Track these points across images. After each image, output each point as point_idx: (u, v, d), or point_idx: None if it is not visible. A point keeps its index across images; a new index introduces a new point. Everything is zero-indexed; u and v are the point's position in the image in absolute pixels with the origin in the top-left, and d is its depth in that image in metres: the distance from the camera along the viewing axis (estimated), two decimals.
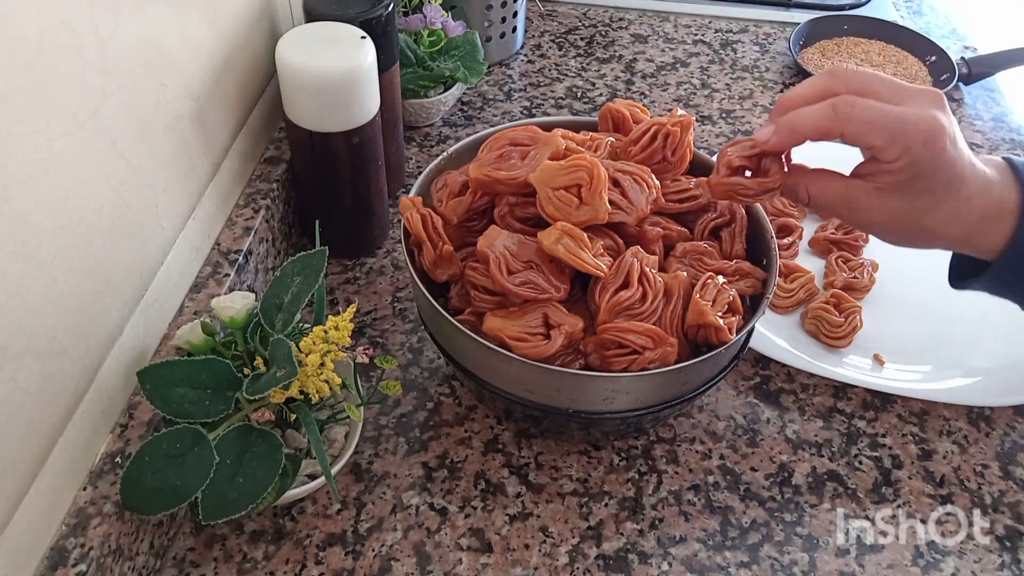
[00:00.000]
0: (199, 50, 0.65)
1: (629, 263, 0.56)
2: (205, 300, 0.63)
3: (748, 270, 0.61)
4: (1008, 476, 0.66)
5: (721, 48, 1.13)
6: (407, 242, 0.62)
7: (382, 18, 0.72)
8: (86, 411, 0.52)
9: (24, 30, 0.44)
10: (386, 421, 0.67)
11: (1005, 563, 0.61)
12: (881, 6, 1.22)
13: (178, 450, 0.51)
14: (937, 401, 0.70)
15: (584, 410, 0.57)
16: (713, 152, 0.92)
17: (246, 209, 0.71)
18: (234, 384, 0.54)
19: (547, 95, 1.02)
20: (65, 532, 0.49)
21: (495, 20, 1.02)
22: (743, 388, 0.72)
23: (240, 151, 0.73)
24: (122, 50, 0.54)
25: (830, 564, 0.60)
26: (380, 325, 0.74)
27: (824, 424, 0.69)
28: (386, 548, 0.59)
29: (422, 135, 0.95)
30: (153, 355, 0.59)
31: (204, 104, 0.66)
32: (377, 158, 0.74)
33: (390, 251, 0.81)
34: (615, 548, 0.60)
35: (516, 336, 0.54)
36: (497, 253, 0.56)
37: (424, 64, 0.91)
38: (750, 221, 0.65)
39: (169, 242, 0.63)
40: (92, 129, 0.51)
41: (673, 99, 1.03)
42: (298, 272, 0.58)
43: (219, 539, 0.59)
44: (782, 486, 0.65)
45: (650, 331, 0.55)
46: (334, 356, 0.53)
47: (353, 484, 0.63)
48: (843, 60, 1.10)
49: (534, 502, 0.63)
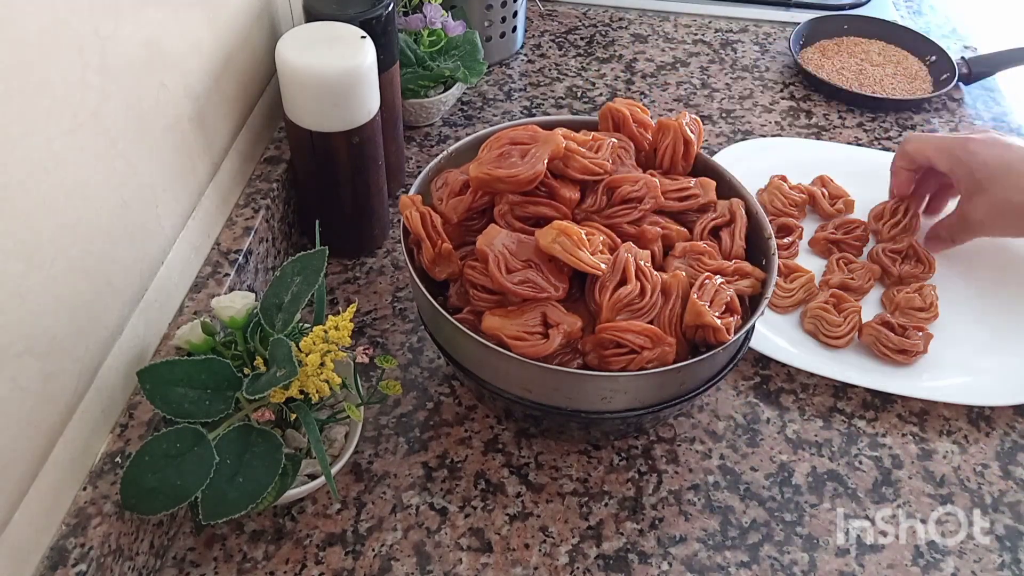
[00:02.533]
0: (199, 50, 0.65)
1: (623, 258, 0.56)
2: (205, 300, 0.63)
3: (748, 270, 0.61)
4: (1008, 476, 0.66)
5: (721, 48, 1.13)
6: (407, 241, 0.62)
7: (382, 18, 0.72)
8: (86, 411, 0.52)
9: (24, 30, 0.44)
10: (386, 421, 0.67)
11: (1005, 563, 0.61)
12: (881, 6, 1.22)
13: (178, 450, 0.51)
14: (937, 401, 0.70)
15: (583, 409, 0.57)
16: (713, 152, 0.92)
17: (246, 209, 0.71)
18: (234, 384, 0.54)
19: (547, 95, 1.02)
20: (65, 532, 0.49)
21: (495, 20, 1.02)
22: (743, 388, 0.72)
23: (240, 151, 0.73)
24: (122, 50, 0.54)
25: (830, 564, 0.60)
26: (380, 325, 0.74)
27: (824, 424, 0.69)
28: (386, 548, 0.59)
29: (422, 135, 0.95)
30: (153, 355, 0.59)
31: (204, 104, 0.66)
32: (377, 158, 0.74)
33: (390, 251, 0.81)
34: (615, 548, 0.60)
35: (515, 335, 0.55)
36: (496, 252, 0.56)
37: (424, 64, 0.91)
38: (750, 221, 0.65)
39: (169, 242, 0.63)
40: (92, 129, 0.51)
41: (673, 99, 1.03)
42: (298, 272, 0.58)
43: (219, 539, 0.59)
44: (782, 486, 0.65)
45: (648, 331, 0.55)
46: (334, 356, 0.53)
47: (353, 484, 0.63)
48: (843, 60, 1.10)
49: (534, 502, 0.63)
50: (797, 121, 1.01)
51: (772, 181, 0.87)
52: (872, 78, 1.07)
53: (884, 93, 1.04)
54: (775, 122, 1.01)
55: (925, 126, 1.01)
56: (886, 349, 0.72)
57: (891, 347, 0.72)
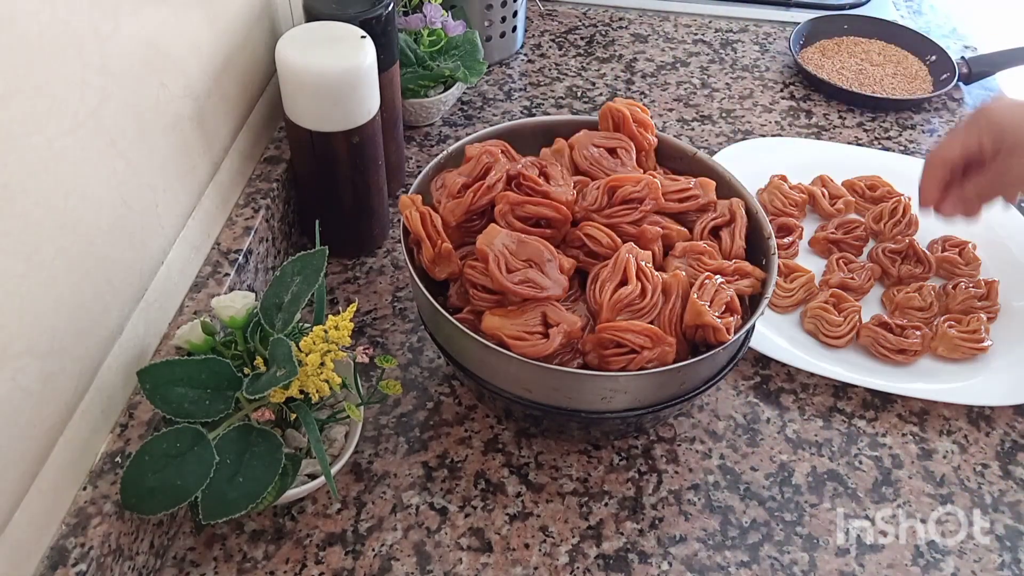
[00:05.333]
0: (199, 50, 0.65)
1: (624, 259, 0.56)
2: (205, 300, 0.63)
3: (748, 270, 0.61)
4: (1008, 476, 0.66)
5: (721, 48, 1.13)
6: (406, 240, 0.62)
7: (382, 18, 0.72)
8: (86, 411, 0.52)
9: (24, 30, 0.44)
10: (386, 421, 0.67)
11: (1005, 563, 0.61)
12: (881, 6, 1.22)
13: (178, 450, 0.51)
14: (937, 401, 0.70)
15: (583, 409, 0.57)
16: (713, 152, 0.92)
17: (246, 208, 0.71)
18: (234, 384, 0.54)
19: (547, 95, 1.02)
20: (65, 531, 0.49)
21: (495, 20, 1.02)
22: (743, 388, 0.72)
23: (240, 151, 0.73)
24: (122, 50, 0.54)
25: (830, 564, 0.60)
26: (380, 325, 0.74)
27: (824, 424, 0.69)
28: (386, 548, 0.59)
29: (422, 135, 0.95)
30: (153, 355, 0.59)
31: (204, 104, 0.66)
32: (377, 158, 0.74)
33: (390, 251, 0.81)
34: (615, 548, 0.60)
35: (515, 335, 0.55)
36: (496, 252, 0.56)
37: (424, 64, 0.91)
38: (750, 221, 0.65)
39: (169, 242, 0.63)
40: (92, 129, 0.51)
41: (673, 99, 1.03)
42: (298, 272, 0.58)
43: (219, 539, 0.59)
44: (782, 486, 0.65)
45: (648, 330, 0.55)
46: (334, 356, 0.53)
47: (353, 484, 0.63)
48: (843, 59, 1.10)
49: (534, 502, 0.63)
50: (797, 121, 1.01)
51: (772, 181, 0.87)
52: (872, 78, 1.07)
53: (884, 93, 1.04)
54: (775, 122, 1.01)
55: (925, 126, 1.01)
56: (884, 350, 0.72)
57: (889, 347, 0.72)
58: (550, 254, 0.58)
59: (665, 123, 0.99)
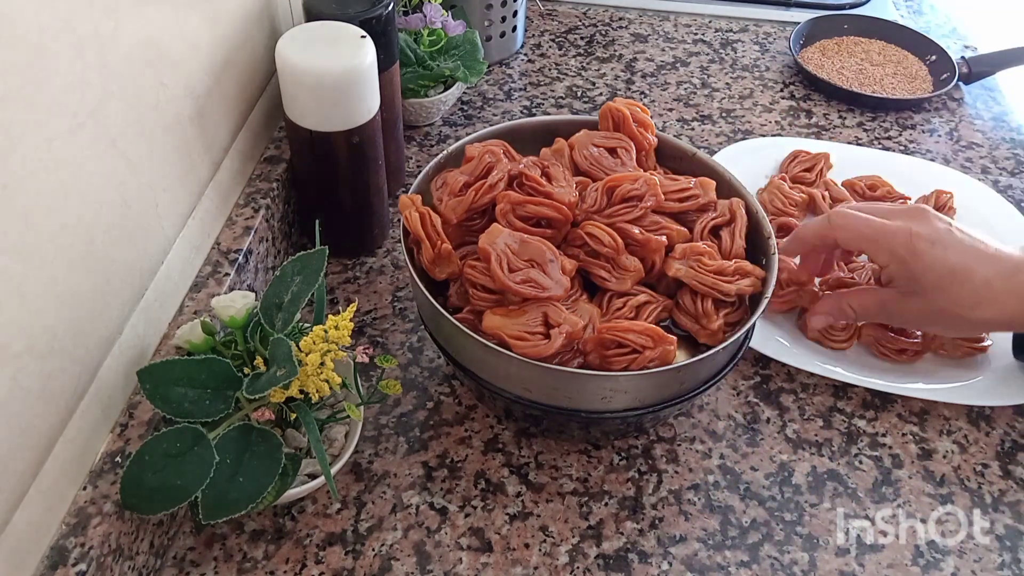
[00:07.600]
0: (199, 50, 0.65)
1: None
2: (205, 299, 0.63)
3: (748, 269, 0.61)
4: (1008, 476, 0.66)
5: (721, 47, 1.13)
6: (406, 240, 0.62)
7: (382, 17, 0.72)
8: (86, 411, 0.52)
9: (24, 30, 0.44)
10: (386, 420, 0.67)
11: (1005, 563, 0.61)
12: (881, 5, 1.22)
13: (178, 449, 0.51)
14: (937, 401, 0.70)
15: (583, 409, 0.57)
16: (713, 152, 0.92)
17: (246, 208, 0.71)
18: (234, 383, 0.54)
19: (547, 94, 1.02)
20: (65, 531, 0.49)
21: (495, 19, 1.02)
22: (743, 388, 0.72)
23: (240, 150, 0.73)
24: (122, 50, 0.54)
25: (830, 563, 0.60)
26: (380, 324, 0.74)
27: (824, 424, 0.69)
28: (386, 548, 0.59)
29: (422, 135, 0.95)
30: (153, 354, 0.59)
31: (204, 104, 0.66)
32: (377, 157, 0.74)
33: (390, 250, 0.81)
34: (615, 547, 0.60)
35: (516, 335, 0.54)
36: (499, 251, 0.56)
37: (424, 63, 0.91)
38: (750, 221, 0.65)
39: (169, 241, 0.63)
40: (92, 129, 0.51)
41: (673, 98, 1.03)
42: (298, 271, 0.58)
43: (219, 538, 0.59)
44: (782, 485, 0.65)
45: (650, 330, 0.55)
46: (334, 355, 0.53)
47: (353, 483, 0.63)
48: (843, 59, 1.10)
49: (534, 501, 0.63)
50: (797, 121, 1.01)
51: (772, 181, 0.87)
52: (872, 78, 1.07)
53: (884, 93, 1.04)
54: (775, 122, 1.01)
55: (925, 126, 1.01)
56: (885, 349, 0.72)
57: (890, 346, 0.72)
58: (552, 254, 0.58)
59: (665, 123, 0.99)
